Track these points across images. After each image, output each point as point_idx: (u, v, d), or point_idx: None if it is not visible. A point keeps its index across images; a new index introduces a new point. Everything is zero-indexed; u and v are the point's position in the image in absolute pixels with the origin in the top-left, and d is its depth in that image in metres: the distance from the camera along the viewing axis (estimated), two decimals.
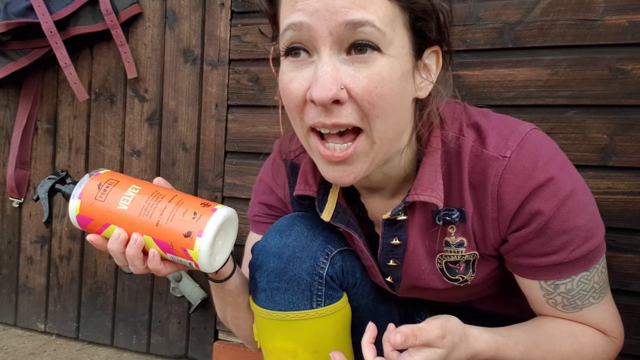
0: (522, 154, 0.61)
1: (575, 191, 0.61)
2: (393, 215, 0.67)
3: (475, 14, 1.10)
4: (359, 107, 0.55)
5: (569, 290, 0.64)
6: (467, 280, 0.70)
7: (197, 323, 1.45)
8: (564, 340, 0.64)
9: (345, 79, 0.54)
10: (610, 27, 1.01)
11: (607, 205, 1.02)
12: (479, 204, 0.65)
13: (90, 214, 0.62)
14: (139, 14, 1.47)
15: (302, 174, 0.73)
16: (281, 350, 0.70)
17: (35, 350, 1.54)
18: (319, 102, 0.54)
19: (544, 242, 0.62)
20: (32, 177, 1.64)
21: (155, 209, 0.60)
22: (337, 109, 0.55)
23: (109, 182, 0.63)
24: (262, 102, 1.35)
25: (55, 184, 0.67)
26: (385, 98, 0.55)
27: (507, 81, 1.08)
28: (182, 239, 0.59)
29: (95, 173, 0.65)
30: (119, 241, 0.59)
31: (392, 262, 0.72)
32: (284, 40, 0.57)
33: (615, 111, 1.01)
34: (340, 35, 0.54)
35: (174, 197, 0.62)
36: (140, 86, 1.49)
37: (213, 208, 0.60)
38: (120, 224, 0.61)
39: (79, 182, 0.64)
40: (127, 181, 0.64)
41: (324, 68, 0.54)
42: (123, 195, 0.61)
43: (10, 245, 1.68)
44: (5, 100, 1.65)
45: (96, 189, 0.62)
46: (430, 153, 0.65)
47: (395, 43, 0.56)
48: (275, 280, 0.68)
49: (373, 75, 0.54)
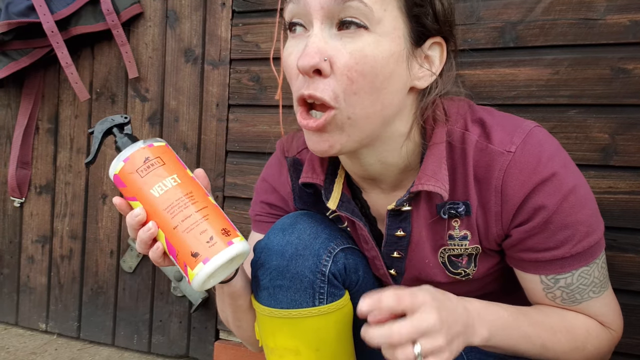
0: (527, 149, 0.62)
1: (577, 187, 0.62)
2: (398, 206, 0.67)
3: (477, 13, 1.10)
4: (337, 81, 0.57)
5: (568, 284, 0.65)
6: (469, 274, 0.71)
7: (198, 322, 1.45)
8: (553, 314, 0.65)
9: (331, 52, 0.56)
10: (612, 27, 1.01)
11: (608, 205, 1.02)
12: (482, 197, 0.65)
13: (126, 181, 0.61)
14: (140, 14, 1.47)
15: (309, 162, 0.74)
16: (283, 348, 0.70)
17: (37, 349, 1.54)
18: (300, 69, 0.57)
19: (547, 236, 0.63)
20: (33, 176, 1.64)
21: (181, 212, 0.59)
22: (319, 81, 0.57)
23: (157, 160, 0.61)
24: (263, 101, 1.35)
25: (113, 127, 0.65)
26: (366, 75, 0.56)
27: (509, 80, 1.09)
28: (188, 256, 0.58)
29: (149, 143, 0.62)
30: (136, 220, 0.60)
31: (397, 253, 0.72)
32: (286, 14, 0.61)
33: (617, 111, 1.01)
34: (331, 9, 0.56)
35: (204, 207, 0.60)
36: (141, 86, 1.49)
37: (230, 241, 0.59)
38: (145, 206, 0.60)
39: (130, 146, 0.62)
40: (172, 167, 0.62)
41: (312, 39, 0.57)
42: (161, 182, 0.60)
43: (11, 244, 1.68)
44: (7, 99, 1.65)
45: (142, 161, 0.61)
46: (434, 146, 0.65)
47: (386, 22, 0.57)
48: (277, 278, 0.68)
49: (356, 52, 0.56)
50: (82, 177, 1.58)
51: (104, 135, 0.65)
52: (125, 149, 0.62)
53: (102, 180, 1.56)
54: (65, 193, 1.60)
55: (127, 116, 0.66)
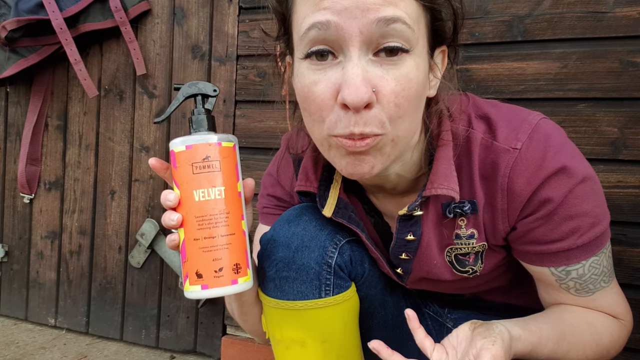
0: (533, 145, 0.61)
1: (584, 179, 0.61)
2: (410, 211, 0.66)
3: (484, 7, 1.10)
4: (383, 109, 0.53)
5: (580, 275, 0.64)
6: (477, 271, 0.70)
7: (205, 318, 1.46)
8: (584, 331, 0.64)
9: (375, 81, 0.53)
10: (621, 20, 1.00)
11: (617, 199, 1.01)
12: (489, 195, 0.65)
13: (179, 165, 0.59)
14: (147, 11, 1.48)
15: (303, 170, 0.73)
16: (289, 340, 0.71)
17: (46, 344, 1.56)
18: (352, 106, 0.51)
19: (552, 228, 0.62)
20: (42, 173, 1.66)
21: (208, 229, 0.58)
22: (366, 114, 0.53)
23: (215, 164, 0.58)
24: (269, 97, 1.35)
25: (198, 96, 0.61)
26: (410, 100, 0.54)
27: (517, 74, 1.08)
28: (193, 271, 0.58)
29: (219, 141, 0.59)
30: (167, 203, 0.58)
31: (405, 255, 0.72)
32: (306, 40, 0.55)
33: (626, 104, 1.01)
34: (370, 34, 0.52)
35: (231, 234, 0.59)
36: (149, 82, 1.50)
37: (236, 280, 0.58)
38: (182, 198, 0.58)
39: (201, 135, 0.59)
40: (226, 178, 0.59)
41: (355, 70, 0.52)
42: (207, 189, 0.58)
43: (21, 240, 1.70)
44: (16, 97, 1.67)
45: (202, 158, 0.58)
46: (443, 147, 0.64)
47: (420, 43, 0.56)
48: (284, 270, 0.68)
49: (401, 77, 0.53)
50: (91, 174, 1.59)
51: (186, 98, 0.61)
52: (195, 134, 0.59)
53: (110, 177, 1.57)
54: (74, 189, 1.62)
55: (216, 89, 0.62)
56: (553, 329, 0.63)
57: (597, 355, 0.64)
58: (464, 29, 1.11)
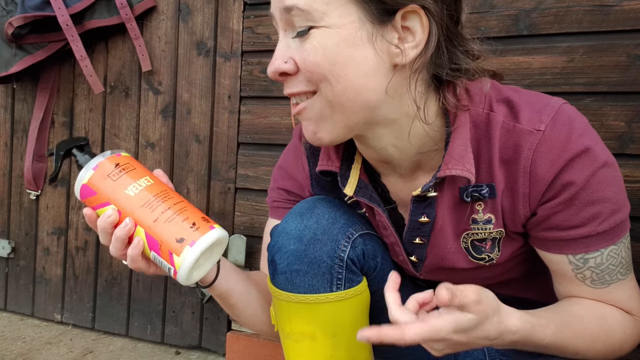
0: (557, 127, 0.61)
1: (607, 163, 0.61)
2: (423, 192, 0.66)
3: (490, 1, 1.10)
4: (303, 74, 0.61)
5: (598, 264, 0.64)
6: (493, 259, 0.70)
7: (210, 313, 1.47)
8: (593, 321, 0.64)
9: (292, 53, 0.61)
10: (628, 13, 1.00)
11: None
12: (510, 179, 0.64)
13: (96, 188, 0.63)
14: (153, 7, 1.48)
15: (325, 150, 0.74)
16: (299, 333, 0.71)
17: (52, 339, 1.56)
18: (270, 77, 0.64)
19: (573, 213, 0.62)
20: (48, 169, 1.66)
21: (159, 205, 0.62)
22: (290, 80, 0.63)
23: (127, 165, 0.65)
24: (274, 93, 1.35)
25: (73, 148, 0.68)
26: (319, 64, 0.59)
27: (523, 69, 1.08)
28: (173, 243, 0.60)
29: (117, 153, 0.66)
30: (108, 221, 0.62)
31: (419, 239, 0.72)
32: None
33: (633, 98, 1.00)
34: (286, 18, 0.61)
35: (179, 202, 0.64)
36: (154, 79, 1.50)
37: (212, 225, 0.63)
38: (120, 207, 0.62)
39: (99, 155, 0.66)
40: (143, 172, 0.66)
41: (277, 46, 0.63)
42: (135, 182, 0.63)
43: (27, 236, 1.71)
44: (23, 94, 1.68)
45: (113, 167, 0.64)
46: (459, 128, 0.64)
47: (331, 14, 0.58)
48: (295, 263, 0.68)
49: (307, 46, 0.60)
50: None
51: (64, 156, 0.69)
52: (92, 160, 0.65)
53: None
54: None
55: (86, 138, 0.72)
56: (557, 314, 0.63)
57: (609, 349, 0.64)
58: (469, 23, 1.11)
